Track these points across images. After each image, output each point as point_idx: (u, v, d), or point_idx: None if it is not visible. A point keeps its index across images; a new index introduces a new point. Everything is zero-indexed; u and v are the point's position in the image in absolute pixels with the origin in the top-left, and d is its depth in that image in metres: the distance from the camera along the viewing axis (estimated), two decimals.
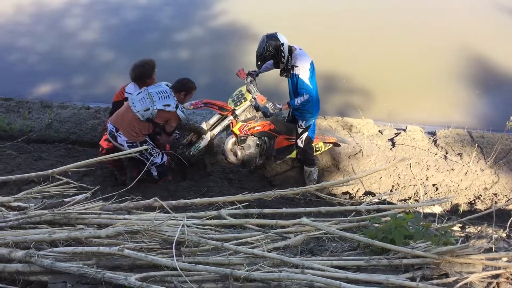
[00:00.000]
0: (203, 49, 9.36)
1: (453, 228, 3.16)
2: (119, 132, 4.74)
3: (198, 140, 5.55)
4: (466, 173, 5.88)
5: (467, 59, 8.94)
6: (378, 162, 6.10)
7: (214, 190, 5.24)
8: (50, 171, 3.25)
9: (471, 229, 3.62)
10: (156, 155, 4.99)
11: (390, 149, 6.34)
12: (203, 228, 2.79)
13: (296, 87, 5.14)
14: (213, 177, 5.61)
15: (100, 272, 2.20)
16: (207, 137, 5.53)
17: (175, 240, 2.33)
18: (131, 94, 4.95)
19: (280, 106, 5.19)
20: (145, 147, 3.95)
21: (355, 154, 6.26)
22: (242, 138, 5.55)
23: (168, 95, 4.79)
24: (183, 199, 3.29)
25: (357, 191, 5.79)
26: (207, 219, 2.85)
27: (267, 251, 2.45)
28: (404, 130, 6.72)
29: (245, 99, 5.40)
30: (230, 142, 5.61)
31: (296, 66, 5.04)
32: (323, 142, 5.84)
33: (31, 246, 2.42)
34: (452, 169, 5.95)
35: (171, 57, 9.27)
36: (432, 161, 6.10)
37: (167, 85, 4.92)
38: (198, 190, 5.17)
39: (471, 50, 9.15)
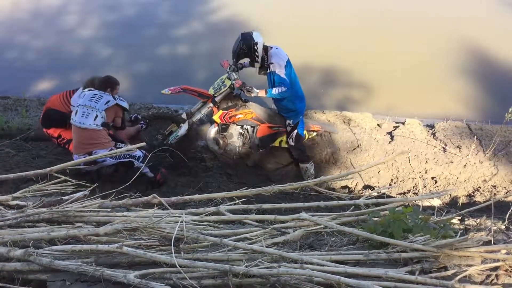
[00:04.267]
0: (201, 44, 9.34)
1: (452, 221, 3.16)
2: (95, 152, 4.64)
3: (177, 129, 5.55)
4: (465, 165, 5.88)
5: (466, 51, 8.93)
6: (377, 156, 6.10)
7: (213, 185, 5.24)
8: (48, 169, 3.24)
9: (470, 222, 3.63)
10: (133, 149, 4.96)
11: (389, 143, 6.33)
12: (202, 224, 2.79)
13: (273, 83, 5.23)
14: (212, 172, 5.60)
15: (99, 270, 2.20)
16: (185, 125, 5.53)
17: (173, 237, 2.32)
18: (74, 106, 4.94)
19: (257, 91, 5.23)
20: (142, 144, 3.92)
21: (353, 149, 6.25)
22: (224, 126, 5.55)
23: (101, 95, 4.83)
24: (181, 195, 3.30)
25: (356, 185, 5.79)
26: (206, 215, 2.84)
27: (266, 247, 2.44)
28: (403, 123, 6.72)
29: (225, 86, 5.39)
30: (213, 131, 5.63)
31: (272, 63, 5.15)
32: (307, 131, 5.80)
33: (30, 244, 2.42)
34: (451, 162, 5.95)
35: (170, 53, 9.25)
36: (431, 154, 6.10)
37: (89, 90, 4.94)
38: (197, 185, 5.16)
39: (469, 43, 9.13)
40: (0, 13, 11.35)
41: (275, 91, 5.17)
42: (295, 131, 5.45)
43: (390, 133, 6.55)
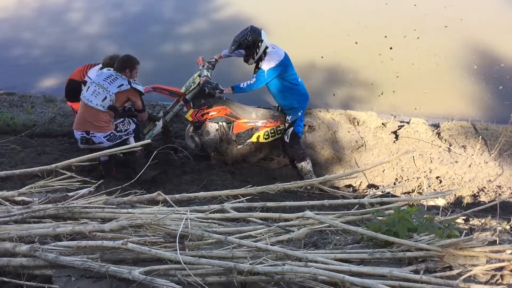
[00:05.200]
0: (206, 42, 9.35)
1: (457, 221, 3.16)
2: (92, 132, 4.72)
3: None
4: (470, 165, 5.86)
5: (472, 50, 8.88)
6: (382, 155, 6.09)
7: (217, 183, 5.24)
8: (54, 165, 3.25)
9: (475, 222, 3.62)
10: (128, 125, 5.00)
11: (394, 142, 6.32)
12: (207, 222, 2.80)
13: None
14: (216, 170, 5.60)
15: (104, 266, 2.21)
16: (159, 123, 5.52)
17: (178, 234, 2.33)
18: (90, 79, 4.97)
19: (222, 88, 5.21)
20: (148, 141, 3.93)
21: (358, 148, 6.24)
22: (197, 124, 5.54)
23: (116, 77, 4.81)
24: (186, 193, 3.30)
25: (360, 184, 5.78)
26: (210, 212, 2.85)
27: (271, 245, 2.45)
28: (408, 123, 6.69)
29: (195, 83, 5.38)
30: (190, 129, 5.63)
31: (263, 60, 5.15)
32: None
33: (36, 240, 2.43)
34: (456, 162, 5.93)
35: (174, 50, 9.26)
36: (436, 154, 6.08)
37: (108, 69, 4.94)
38: (201, 183, 5.16)
39: (475, 42, 9.09)
40: (7, 10, 11.40)
41: (243, 84, 5.15)
42: (292, 128, 5.41)
43: (394, 132, 6.54)
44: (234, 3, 11.08)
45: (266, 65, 5.10)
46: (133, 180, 3.66)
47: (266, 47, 5.17)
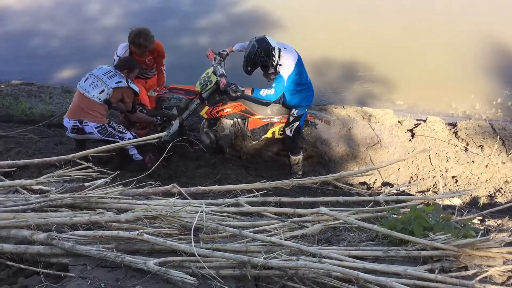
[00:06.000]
0: (223, 36, 9.35)
1: (473, 221, 3.12)
2: (85, 121, 4.71)
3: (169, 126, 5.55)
4: (487, 165, 5.79)
5: (491, 48, 8.76)
6: (397, 153, 6.04)
7: (231, 177, 5.24)
8: (71, 155, 3.29)
9: (491, 223, 3.58)
10: (125, 131, 4.98)
11: (410, 140, 6.26)
12: (221, 215, 2.80)
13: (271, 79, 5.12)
14: (231, 164, 5.60)
15: (119, 256, 2.23)
16: (176, 122, 5.50)
17: (193, 226, 2.34)
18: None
19: (243, 89, 5.06)
20: (164, 133, 3.95)
21: (373, 145, 6.20)
22: (212, 121, 5.52)
23: (115, 73, 4.85)
24: (200, 186, 3.31)
25: (375, 182, 5.74)
26: (225, 206, 2.86)
27: (285, 240, 2.45)
28: (424, 121, 6.63)
29: (211, 82, 5.31)
30: (205, 125, 5.61)
31: (281, 65, 4.95)
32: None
33: (53, 228, 2.46)
34: (473, 161, 5.86)
35: (191, 43, 9.28)
36: (452, 153, 6.02)
37: (108, 66, 4.98)
38: (215, 177, 5.17)
39: (495, 40, 8.96)
40: (26, 2, 11.53)
41: (262, 92, 4.99)
42: (297, 122, 5.35)
43: (411, 130, 6.48)
44: None
45: (285, 72, 4.93)
46: (148, 172, 3.70)
47: (279, 49, 4.99)
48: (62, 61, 5.88)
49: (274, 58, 4.94)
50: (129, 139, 4.87)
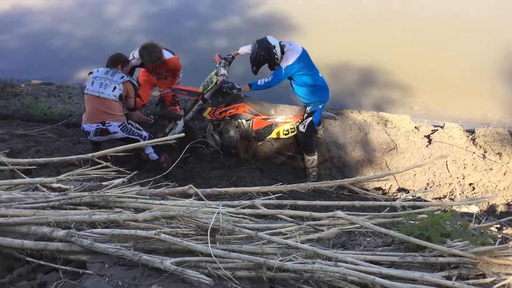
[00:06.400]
0: (240, 39, 9.38)
1: (490, 229, 3.09)
2: (107, 122, 4.75)
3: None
4: (505, 173, 5.71)
5: (511, 55, 8.65)
6: (413, 159, 5.99)
7: (246, 180, 5.25)
8: (90, 154, 3.34)
9: (508, 231, 3.53)
10: (141, 128, 5.04)
11: (426, 146, 6.21)
12: (237, 217, 2.81)
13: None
14: (246, 167, 5.62)
15: (137, 255, 2.26)
16: (181, 122, 5.52)
17: (210, 227, 2.36)
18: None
19: (239, 87, 5.16)
20: (183, 134, 3.98)
21: (389, 150, 6.16)
22: (215, 122, 5.55)
23: (114, 72, 4.90)
24: (216, 187, 3.33)
25: (390, 187, 5.71)
26: (241, 208, 2.87)
27: (300, 243, 2.45)
28: (442, 127, 6.57)
29: (212, 82, 5.35)
30: (211, 127, 5.64)
31: (282, 58, 5.11)
32: None
33: (72, 226, 2.50)
34: (490, 169, 5.79)
35: (208, 46, 9.34)
36: (470, 160, 5.95)
37: (103, 68, 5.03)
38: (230, 179, 5.19)
39: None
40: (47, 2, 11.72)
41: (260, 82, 5.10)
42: (310, 118, 5.35)
43: (428, 136, 6.42)
44: (268, 1, 11.10)
45: (284, 62, 5.07)
46: (165, 173, 3.74)
47: (283, 46, 5.13)
48: (81, 61, 5.97)
49: (276, 56, 5.08)
50: (145, 136, 4.97)
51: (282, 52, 5.12)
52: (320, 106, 5.38)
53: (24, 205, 2.74)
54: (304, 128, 5.38)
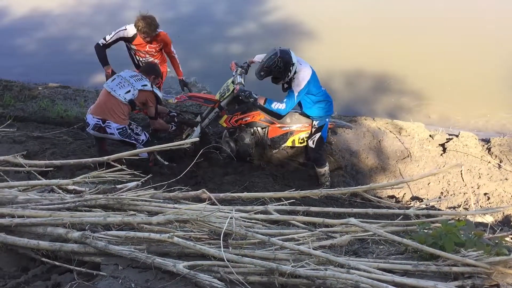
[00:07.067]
0: (255, 45, 9.42)
1: (505, 239, 3.05)
2: (108, 122, 4.82)
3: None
4: None
5: None
6: (427, 167, 5.95)
7: (259, 185, 5.26)
8: (105, 157, 3.38)
9: None
10: (140, 133, 5.10)
11: (441, 155, 6.17)
12: (250, 222, 2.82)
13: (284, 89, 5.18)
14: (258, 172, 5.62)
15: (150, 258, 2.28)
16: (197, 129, 5.55)
17: (223, 232, 2.37)
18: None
19: (256, 97, 5.11)
20: (196, 139, 4.02)
21: (403, 158, 6.13)
22: (231, 130, 5.55)
23: (142, 77, 4.99)
24: (229, 193, 3.35)
25: (404, 196, 5.67)
26: (254, 213, 2.88)
27: (313, 249, 2.45)
28: (457, 136, 6.51)
29: (229, 90, 5.35)
30: (226, 134, 5.66)
31: (293, 79, 5.01)
32: None
33: (87, 228, 2.52)
34: (506, 179, 5.73)
35: (223, 51, 9.39)
36: (485, 170, 5.89)
37: (134, 71, 5.18)
38: (243, 184, 5.20)
39: None
40: (64, 7, 11.90)
41: (274, 105, 5.04)
42: (319, 134, 5.32)
43: (442, 145, 6.38)
44: (285, 7, 11.14)
45: (296, 87, 4.98)
46: (178, 178, 3.75)
47: (296, 66, 5.01)
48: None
49: (289, 74, 4.96)
50: (142, 140, 5.06)
51: (294, 72, 5.01)
52: (327, 120, 5.38)
53: (40, 206, 2.78)
54: (313, 143, 5.36)
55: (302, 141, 5.55)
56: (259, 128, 5.56)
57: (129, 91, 4.87)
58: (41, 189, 3.28)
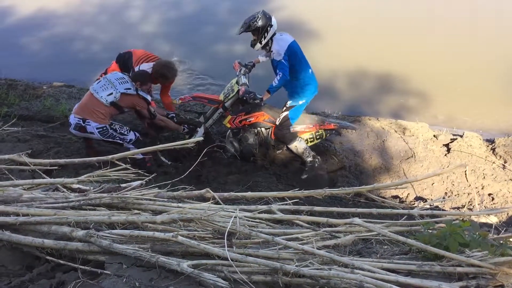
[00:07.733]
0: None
1: (510, 239, 3.04)
2: (88, 121, 4.89)
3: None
4: None
5: None
6: (432, 167, 5.93)
7: (262, 185, 5.27)
8: (110, 156, 3.39)
9: None
10: (127, 133, 5.13)
11: (445, 155, 6.15)
12: (254, 222, 2.82)
13: (275, 69, 5.20)
14: (262, 172, 5.63)
15: (154, 256, 2.28)
16: (201, 129, 5.58)
17: (227, 231, 2.37)
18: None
19: (261, 97, 5.19)
20: (200, 138, 4.02)
21: (407, 158, 6.11)
22: (235, 130, 5.57)
23: (127, 81, 5.07)
24: (232, 192, 3.35)
25: (408, 196, 5.66)
26: (258, 212, 2.88)
27: (317, 249, 2.44)
28: (461, 136, 6.50)
29: (233, 91, 5.38)
30: (230, 134, 5.68)
31: (272, 51, 5.12)
32: (324, 129, 5.64)
33: (91, 226, 2.53)
34: (511, 179, 5.71)
35: (227, 51, 9.39)
36: (489, 170, 5.87)
37: (124, 73, 5.22)
38: (246, 184, 5.20)
39: None
40: (69, 7, 11.93)
41: (274, 82, 5.09)
42: (286, 113, 5.35)
43: (446, 145, 6.36)
44: (289, 6, 11.13)
45: (277, 55, 5.05)
46: (182, 177, 3.76)
47: (274, 34, 5.11)
48: (102, 65, 6.06)
49: (265, 35, 5.06)
50: (130, 139, 5.12)
51: (271, 40, 5.10)
52: (300, 103, 5.36)
53: (45, 205, 2.79)
54: (278, 121, 5.40)
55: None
56: (263, 129, 5.58)
57: (111, 93, 4.95)
58: (46, 187, 3.29)
